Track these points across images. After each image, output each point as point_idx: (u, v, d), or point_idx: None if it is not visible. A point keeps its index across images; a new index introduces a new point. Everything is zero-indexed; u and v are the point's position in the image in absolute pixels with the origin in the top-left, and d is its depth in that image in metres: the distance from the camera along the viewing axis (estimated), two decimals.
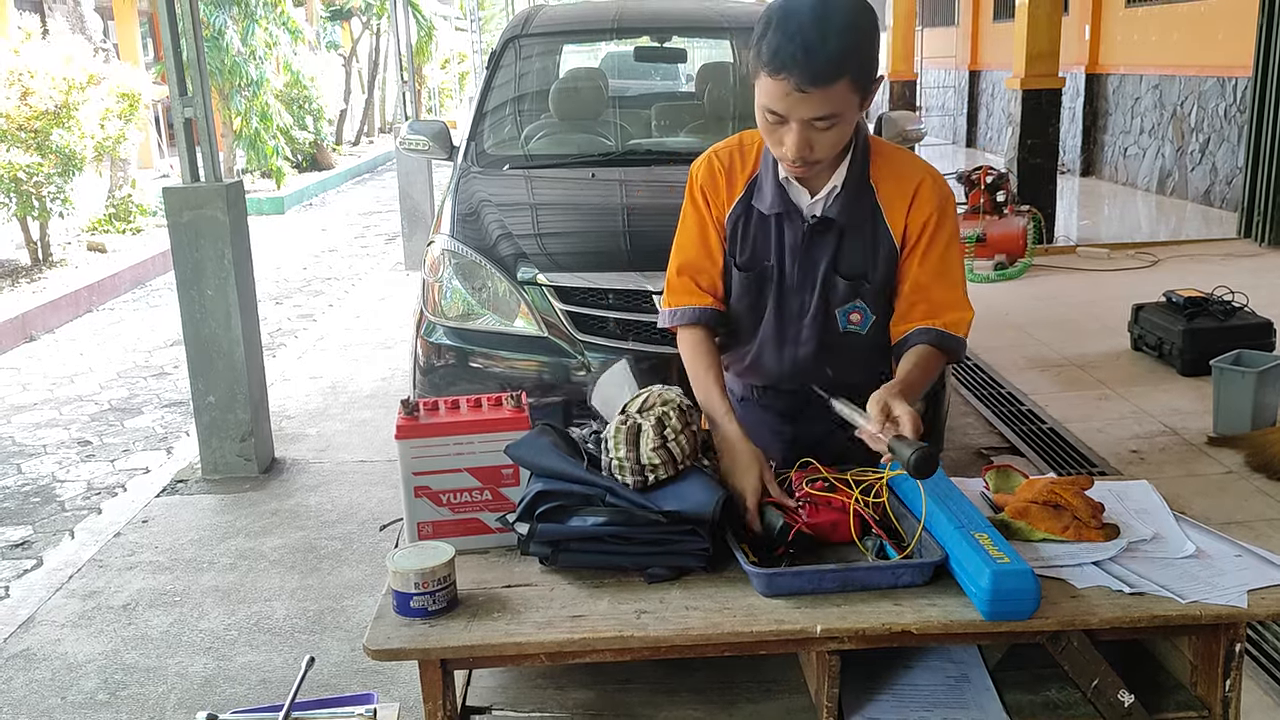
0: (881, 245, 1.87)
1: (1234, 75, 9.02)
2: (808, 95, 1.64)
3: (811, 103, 1.65)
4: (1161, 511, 1.79)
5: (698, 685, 1.72)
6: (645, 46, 5.61)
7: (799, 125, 1.68)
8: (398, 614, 1.54)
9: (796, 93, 1.64)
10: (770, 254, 1.90)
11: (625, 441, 1.66)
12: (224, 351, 4.26)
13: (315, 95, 14.86)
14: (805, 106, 1.66)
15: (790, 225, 1.87)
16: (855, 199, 1.85)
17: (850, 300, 1.89)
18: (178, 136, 4.25)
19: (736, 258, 1.92)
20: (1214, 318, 5.07)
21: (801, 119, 1.68)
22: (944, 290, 1.87)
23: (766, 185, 1.87)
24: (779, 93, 1.65)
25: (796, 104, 1.65)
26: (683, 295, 1.96)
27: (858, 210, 1.85)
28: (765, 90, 1.68)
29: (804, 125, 1.68)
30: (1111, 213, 9.95)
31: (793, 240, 1.88)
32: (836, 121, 1.69)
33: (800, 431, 2.01)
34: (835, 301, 1.89)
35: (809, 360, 1.95)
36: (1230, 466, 4.06)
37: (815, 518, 1.69)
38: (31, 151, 8.20)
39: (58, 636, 3.22)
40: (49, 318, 7.48)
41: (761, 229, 1.90)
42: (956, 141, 15.97)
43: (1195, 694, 1.64)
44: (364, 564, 3.60)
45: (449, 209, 3.85)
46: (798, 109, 1.66)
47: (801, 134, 1.69)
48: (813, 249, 1.87)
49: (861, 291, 1.88)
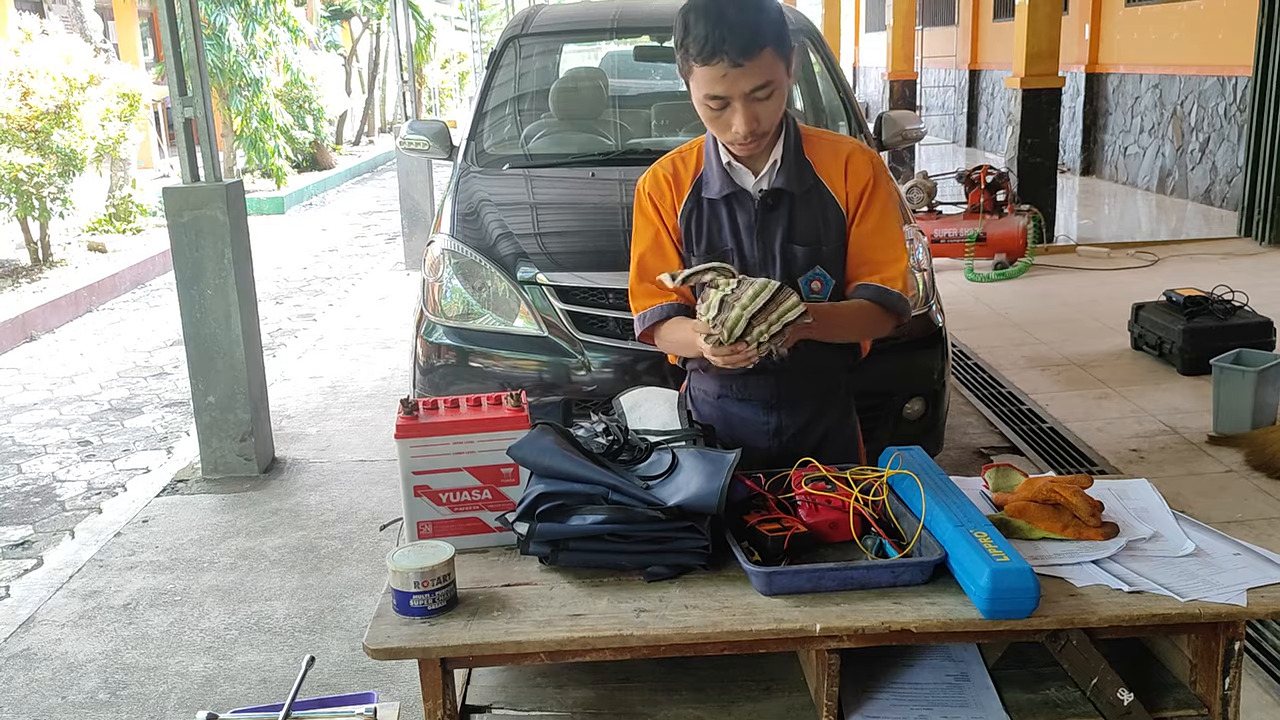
0: (829, 210, 1.96)
1: (1234, 74, 9.02)
2: (742, 69, 1.77)
3: (747, 75, 1.78)
4: (1161, 510, 1.79)
5: (697, 684, 1.72)
6: (645, 46, 5.61)
7: (742, 101, 1.81)
8: (398, 613, 1.54)
9: (732, 69, 1.77)
10: (726, 238, 1.98)
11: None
12: (224, 351, 4.26)
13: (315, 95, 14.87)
14: (743, 80, 1.79)
15: (741, 206, 1.96)
16: (796, 170, 1.94)
17: (810, 268, 1.96)
18: (178, 136, 4.26)
19: (695, 249, 1.99)
20: (1214, 317, 5.07)
21: (742, 93, 1.80)
22: (882, 249, 1.97)
23: (712, 175, 1.96)
24: (715, 76, 1.79)
25: (734, 81, 1.79)
26: (645, 299, 2.03)
27: (801, 179, 1.95)
28: (702, 80, 1.81)
29: (746, 100, 1.81)
30: (1111, 212, 9.95)
31: (746, 220, 1.96)
32: (773, 88, 1.82)
33: (783, 422, 2.04)
34: (796, 271, 1.95)
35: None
36: (1230, 465, 4.06)
37: (815, 517, 1.69)
38: (32, 152, 8.21)
39: (58, 636, 3.23)
40: (49, 318, 7.48)
41: (714, 217, 1.98)
42: (956, 141, 15.97)
43: (1195, 692, 1.64)
44: (364, 563, 3.60)
45: (449, 208, 3.85)
46: (737, 85, 1.79)
47: (747, 109, 1.82)
48: (767, 223, 1.95)
49: (819, 257, 1.96)
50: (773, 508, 1.74)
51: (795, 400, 2.04)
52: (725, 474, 1.68)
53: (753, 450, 1.96)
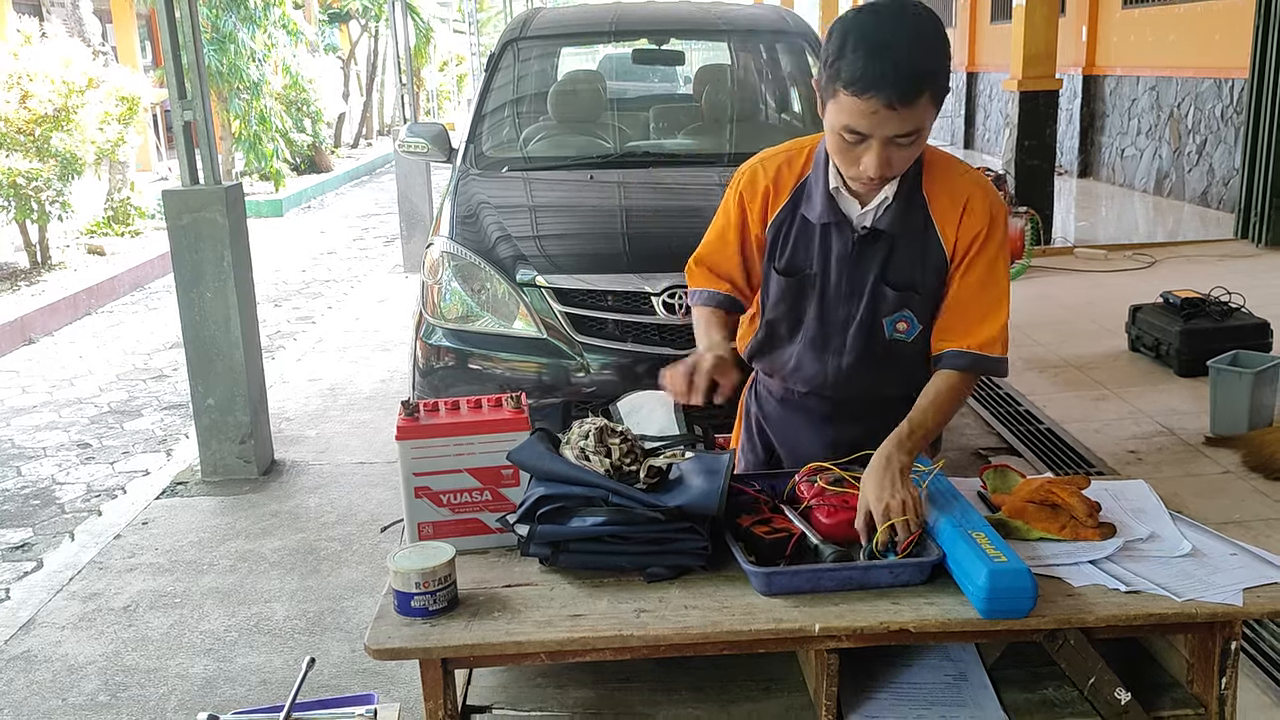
0: (932, 256, 1.85)
1: (1231, 76, 9.03)
2: (895, 113, 1.63)
3: (897, 120, 1.64)
4: (1158, 511, 1.80)
5: (697, 683, 1.72)
6: (643, 49, 5.62)
7: (881, 143, 1.68)
8: (399, 613, 1.55)
9: (884, 110, 1.63)
10: (813, 262, 1.89)
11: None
12: (223, 354, 4.26)
13: (314, 98, 14.86)
14: (891, 124, 1.65)
15: (839, 235, 1.86)
16: (906, 210, 1.83)
17: (898, 310, 1.88)
18: (177, 139, 4.26)
19: (776, 262, 1.92)
20: (1211, 318, 5.08)
21: (885, 137, 1.67)
22: (984, 303, 1.85)
23: (816, 194, 1.86)
24: (864, 111, 1.64)
25: (882, 122, 1.65)
26: (699, 280, 2.02)
27: (909, 221, 1.84)
28: (846, 109, 1.66)
29: (886, 143, 1.68)
30: (1109, 214, 9.96)
31: (841, 250, 1.86)
32: (917, 136, 1.69)
33: (840, 434, 1.99)
34: (883, 312, 1.88)
35: (852, 369, 1.94)
36: (1227, 466, 4.07)
37: (834, 518, 1.69)
38: (31, 155, 8.21)
39: (58, 638, 3.23)
40: (48, 320, 7.48)
41: (805, 236, 1.89)
42: (954, 143, 15.96)
43: (1191, 692, 1.65)
44: (363, 565, 3.61)
45: (448, 211, 3.86)
46: (883, 127, 1.65)
47: (883, 152, 1.69)
48: (862, 259, 1.85)
49: (910, 302, 1.87)
50: (765, 510, 1.75)
51: (854, 418, 1.98)
52: (724, 475, 1.69)
53: (807, 456, 1.91)
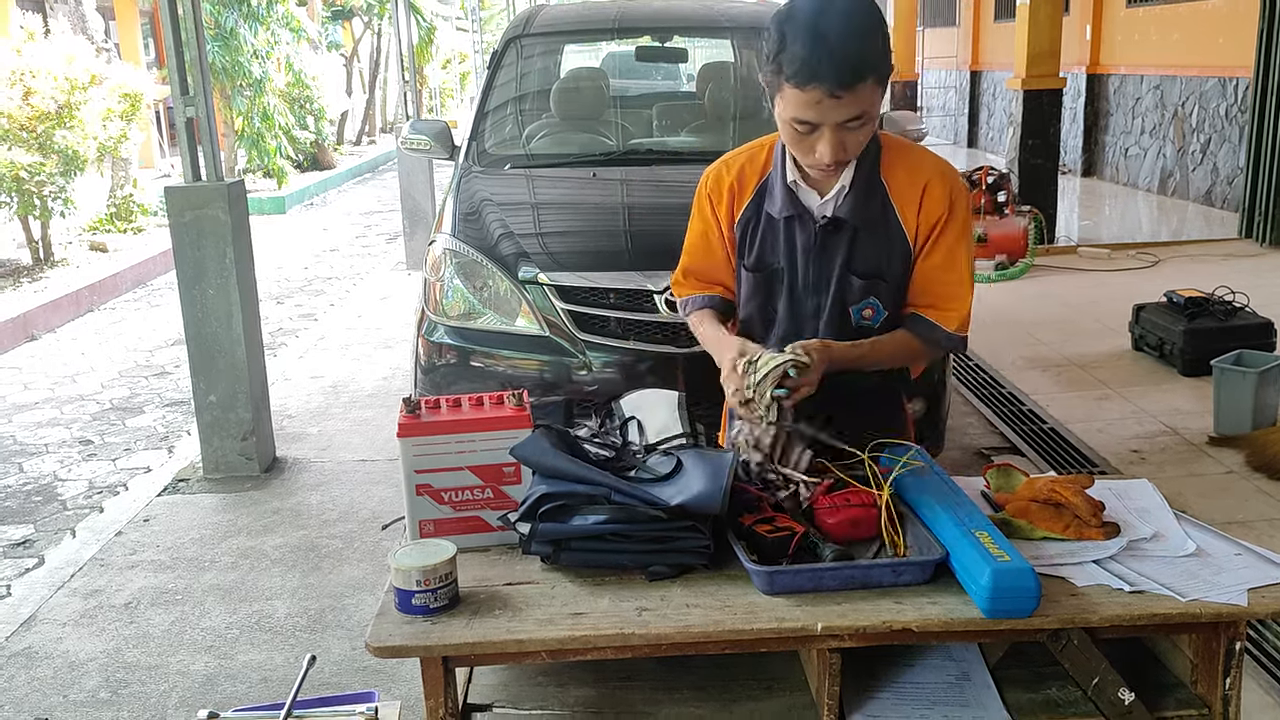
0: (896, 243, 1.87)
1: (1235, 75, 9.02)
2: (840, 100, 1.66)
3: (843, 107, 1.68)
4: (1162, 510, 1.80)
5: (699, 682, 1.72)
6: (646, 46, 5.61)
7: (832, 129, 1.71)
8: (400, 611, 1.55)
9: (829, 99, 1.66)
10: (780, 256, 1.91)
11: None
12: (225, 351, 4.26)
13: (317, 95, 14.87)
14: (838, 111, 1.68)
15: (802, 228, 1.88)
16: (865, 197, 1.85)
17: (865, 298, 1.90)
18: (179, 136, 4.25)
19: (745, 259, 1.94)
20: (1215, 318, 5.07)
21: (834, 123, 1.70)
22: (946, 285, 1.89)
23: (776, 189, 1.88)
24: (809, 101, 1.67)
25: (828, 110, 1.68)
26: (689, 288, 2.05)
27: (869, 208, 1.86)
28: (792, 102, 1.70)
29: (836, 129, 1.71)
30: (1112, 213, 9.95)
31: (805, 242, 1.89)
32: (866, 120, 1.72)
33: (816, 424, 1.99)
34: (850, 300, 1.90)
35: None
36: (1231, 466, 4.06)
37: (837, 517, 1.69)
38: (33, 151, 8.21)
39: (59, 635, 3.23)
40: (50, 317, 7.49)
41: (770, 231, 1.92)
42: (958, 142, 15.96)
43: (1195, 692, 1.65)
44: (365, 563, 3.61)
45: (450, 208, 3.85)
46: (830, 114, 1.69)
47: (835, 137, 1.72)
48: (826, 250, 1.88)
49: (877, 290, 1.89)
50: (768, 509, 1.75)
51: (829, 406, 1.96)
52: (727, 474, 1.68)
53: None
